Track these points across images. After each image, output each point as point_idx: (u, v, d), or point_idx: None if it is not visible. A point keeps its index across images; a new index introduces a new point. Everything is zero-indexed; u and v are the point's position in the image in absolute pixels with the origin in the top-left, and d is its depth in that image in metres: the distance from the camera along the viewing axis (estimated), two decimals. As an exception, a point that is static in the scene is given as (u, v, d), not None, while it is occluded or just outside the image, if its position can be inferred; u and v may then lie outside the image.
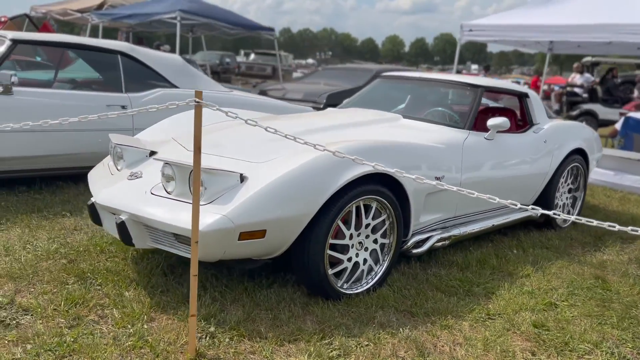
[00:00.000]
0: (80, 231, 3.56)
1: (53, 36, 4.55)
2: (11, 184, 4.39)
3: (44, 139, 4.14)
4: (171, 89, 4.93)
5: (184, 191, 2.49)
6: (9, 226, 3.53)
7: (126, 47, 4.78)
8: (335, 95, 7.55)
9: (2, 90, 3.92)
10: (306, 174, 2.48)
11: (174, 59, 5.16)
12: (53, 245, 3.25)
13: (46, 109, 4.14)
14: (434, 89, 4.25)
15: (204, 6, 9.80)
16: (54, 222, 3.66)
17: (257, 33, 10.79)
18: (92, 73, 5.06)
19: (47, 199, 4.18)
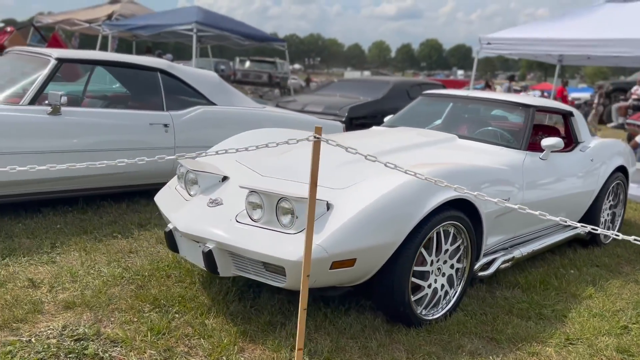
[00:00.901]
0: (137, 254, 3.53)
1: (96, 54, 4.51)
2: (54, 204, 4.34)
3: (90, 159, 4.10)
4: (210, 106, 4.92)
5: (271, 219, 2.48)
6: (64, 249, 3.49)
7: (165, 64, 4.76)
8: (356, 108, 7.58)
9: (51, 111, 3.88)
10: (396, 200, 2.48)
11: (211, 76, 5.15)
12: (116, 269, 3.21)
13: (92, 128, 4.11)
14: (479, 108, 4.28)
15: (218, 18, 9.79)
16: (108, 245, 3.63)
17: (268, 44, 10.81)
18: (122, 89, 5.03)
19: (93, 219, 4.13)
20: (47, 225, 3.92)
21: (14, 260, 3.26)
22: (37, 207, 4.25)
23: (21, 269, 3.14)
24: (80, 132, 4.04)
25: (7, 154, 3.68)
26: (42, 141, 3.85)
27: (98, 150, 4.13)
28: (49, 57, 4.11)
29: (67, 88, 5.19)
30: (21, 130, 3.75)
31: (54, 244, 3.56)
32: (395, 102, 8.27)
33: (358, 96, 8.12)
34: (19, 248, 3.44)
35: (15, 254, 3.34)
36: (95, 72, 5.04)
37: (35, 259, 3.31)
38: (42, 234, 3.72)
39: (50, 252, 3.44)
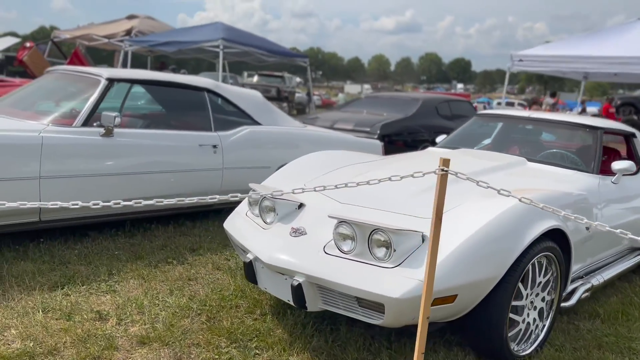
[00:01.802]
0: (196, 281, 3.40)
1: (145, 73, 4.42)
2: (101, 227, 4.22)
3: (140, 182, 3.99)
4: (255, 126, 4.82)
5: (364, 251, 2.36)
6: (122, 277, 3.36)
7: (212, 84, 4.67)
8: (388, 125, 7.48)
9: (104, 132, 3.78)
10: (498, 231, 2.36)
11: (255, 95, 5.05)
12: (181, 299, 3.08)
13: (143, 150, 4.00)
14: (540, 129, 4.17)
15: (242, 34, 9.75)
16: (164, 271, 3.50)
17: (290, 59, 10.76)
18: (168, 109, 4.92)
19: (143, 243, 4.01)
20: (98, 250, 3.80)
21: (73, 289, 3.14)
22: (85, 230, 4.14)
23: (83, 299, 3.02)
24: (132, 153, 3.93)
25: (61, 177, 3.56)
26: (95, 163, 3.74)
27: (148, 172, 4.02)
28: (99, 77, 4.01)
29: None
30: (75, 152, 3.65)
31: (111, 271, 3.44)
32: (426, 119, 8.20)
33: (388, 113, 8.02)
34: (75, 275, 3.32)
35: (74, 282, 3.21)
36: (131, 91, 4.94)
37: (95, 288, 3.18)
38: (96, 260, 3.60)
39: (108, 280, 3.31)
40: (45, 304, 2.90)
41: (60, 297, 3.01)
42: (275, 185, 3.15)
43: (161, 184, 4.11)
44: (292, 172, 3.37)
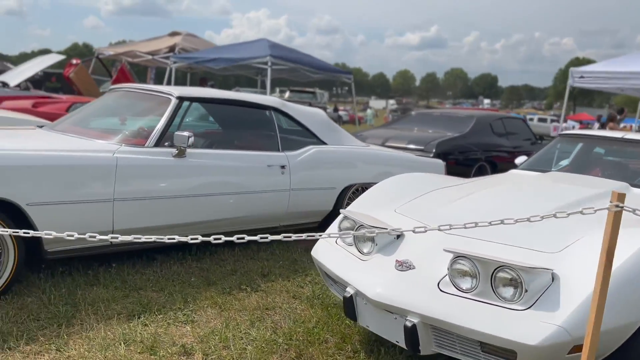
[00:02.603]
0: (274, 311, 3.21)
1: (213, 92, 4.31)
2: (168, 250, 4.09)
3: (211, 203, 3.84)
4: (321, 145, 4.65)
5: (486, 290, 2.13)
6: (198, 305, 3.19)
7: (278, 102, 4.54)
8: (444, 143, 7.24)
9: (177, 153, 3.66)
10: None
11: (320, 114, 4.90)
12: (265, 332, 2.89)
13: (214, 170, 3.87)
14: (629, 150, 3.89)
15: (288, 50, 9.68)
16: (239, 299, 3.33)
17: (335, 75, 10.64)
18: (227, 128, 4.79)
19: (213, 268, 3.85)
20: (168, 275, 3.65)
21: (150, 318, 2.98)
22: (151, 253, 4.01)
23: (162, 330, 2.85)
24: (203, 175, 3.80)
25: (133, 199, 3.44)
26: (167, 185, 3.61)
27: (218, 194, 3.87)
28: (169, 96, 3.90)
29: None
30: (148, 173, 3.53)
31: (186, 298, 3.28)
32: (480, 136, 7.93)
33: (441, 130, 7.78)
34: (150, 303, 3.17)
35: (150, 311, 3.06)
36: (199, 110, 4.84)
37: (172, 317, 3.02)
38: (169, 286, 3.45)
39: (184, 308, 3.15)
40: (126, 336, 2.75)
41: (139, 327, 2.86)
42: (363, 211, 2.95)
43: (230, 205, 3.96)
44: (378, 196, 3.17)
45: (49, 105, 9.99)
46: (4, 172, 2.94)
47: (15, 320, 2.82)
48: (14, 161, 3.00)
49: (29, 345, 2.60)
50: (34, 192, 3.04)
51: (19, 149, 3.10)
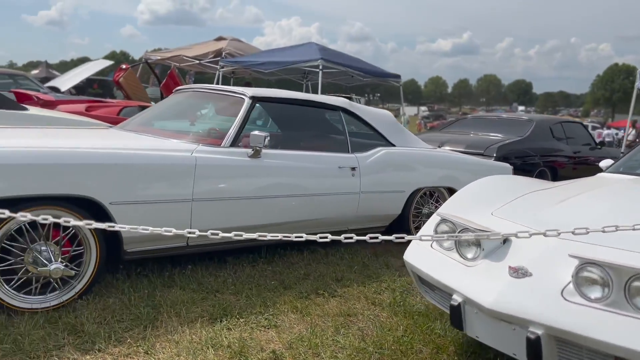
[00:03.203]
0: (357, 318, 3.08)
1: (283, 92, 4.23)
2: (238, 253, 4.01)
3: (283, 205, 3.75)
4: (390, 147, 4.51)
5: (619, 301, 1.95)
6: (278, 309, 3.09)
7: (346, 103, 4.43)
8: (505, 147, 7.00)
9: (252, 153, 3.58)
10: None
11: (387, 115, 4.77)
12: (352, 340, 2.77)
13: (287, 172, 3.78)
14: None
15: (338, 54, 9.60)
16: (319, 305, 3.21)
17: (384, 80, 10.50)
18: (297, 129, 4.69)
19: (286, 272, 3.75)
20: (242, 277, 3.57)
21: (233, 322, 2.89)
22: (222, 256, 3.94)
23: (247, 335, 2.76)
24: (277, 176, 3.71)
25: (210, 200, 3.37)
26: (242, 186, 3.53)
27: (291, 195, 3.78)
28: (242, 96, 3.84)
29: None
30: (224, 174, 3.46)
31: (264, 302, 3.19)
32: (540, 141, 7.65)
33: (500, 134, 7.54)
34: (229, 307, 3.08)
35: (231, 315, 2.97)
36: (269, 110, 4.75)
37: (254, 321, 2.92)
38: (245, 289, 3.36)
39: (264, 312, 3.05)
40: (212, 340, 2.66)
41: (224, 331, 2.77)
42: (457, 214, 2.79)
43: (303, 208, 3.86)
44: (468, 200, 3.01)
45: (101, 109, 10.15)
46: (88, 171, 2.90)
47: (99, 321, 2.77)
48: (96, 159, 2.96)
49: (116, 347, 2.54)
50: (116, 191, 2.99)
51: (101, 147, 3.07)
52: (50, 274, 2.72)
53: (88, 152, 2.97)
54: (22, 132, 3.45)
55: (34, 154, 2.78)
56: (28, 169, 2.71)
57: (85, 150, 2.97)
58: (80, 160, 2.89)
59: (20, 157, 2.72)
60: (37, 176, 2.73)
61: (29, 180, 2.70)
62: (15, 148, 2.78)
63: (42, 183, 2.74)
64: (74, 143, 3.07)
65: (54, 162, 2.80)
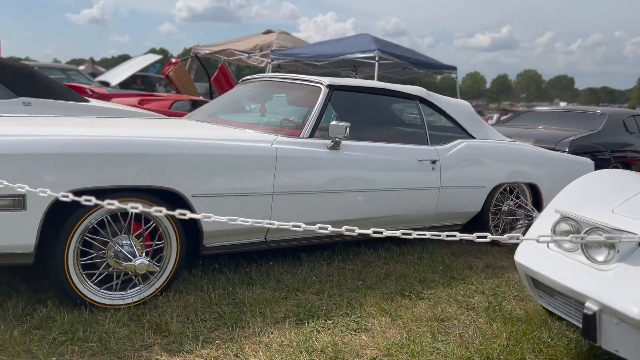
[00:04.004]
0: (451, 322, 2.85)
1: (361, 81, 4.01)
2: (310, 250, 3.83)
3: (363, 200, 3.53)
4: (470, 139, 4.23)
5: None
6: (365, 311, 2.88)
7: (423, 92, 4.17)
8: (578, 141, 6.59)
9: (332, 145, 3.37)
10: None
11: (466, 105, 4.49)
12: (454, 347, 2.53)
13: (368, 164, 3.56)
14: None
15: (395, 46, 9.32)
16: (408, 308, 2.99)
17: (438, 71, 10.16)
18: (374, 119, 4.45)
19: (364, 271, 3.54)
20: (320, 276, 3.38)
21: (319, 324, 2.70)
22: (296, 252, 3.76)
23: (338, 339, 2.56)
24: (357, 168, 3.50)
25: (290, 193, 3.19)
26: (320, 179, 3.34)
27: (370, 190, 3.56)
28: (319, 85, 3.63)
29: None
30: (303, 166, 3.26)
31: (349, 303, 2.98)
32: (613, 135, 7.19)
33: (570, 128, 7.12)
34: (313, 307, 2.89)
35: (316, 316, 2.78)
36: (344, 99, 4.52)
37: (343, 324, 2.72)
38: (326, 288, 3.16)
39: (351, 314, 2.85)
40: (304, 344, 2.47)
41: (313, 333, 2.58)
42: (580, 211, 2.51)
43: (382, 203, 3.64)
44: (579, 196, 2.72)
45: (154, 102, 10.18)
46: (171, 161, 2.76)
47: (182, 320, 2.63)
48: (179, 150, 2.81)
49: (205, 349, 2.38)
50: (199, 183, 2.84)
51: (181, 137, 2.92)
52: (135, 270, 2.59)
53: (170, 142, 2.82)
54: (95, 122, 3.34)
55: (115, 142, 2.65)
56: (109, 158, 2.58)
57: (167, 140, 2.82)
58: (163, 150, 2.75)
59: (100, 147, 2.59)
60: (118, 167, 2.60)
61: (109, 172, 2.57)
62: (94, 137, 2.64)
63: (124, 174, 2.61)
64: (152, 132, 2.94)
65: (136, 151, 2.66)
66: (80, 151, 2.51)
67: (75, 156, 2.49)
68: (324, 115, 3.51)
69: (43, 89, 5.39)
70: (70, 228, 2.52)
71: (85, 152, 2.52)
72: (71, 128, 2.87)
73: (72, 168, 2.47)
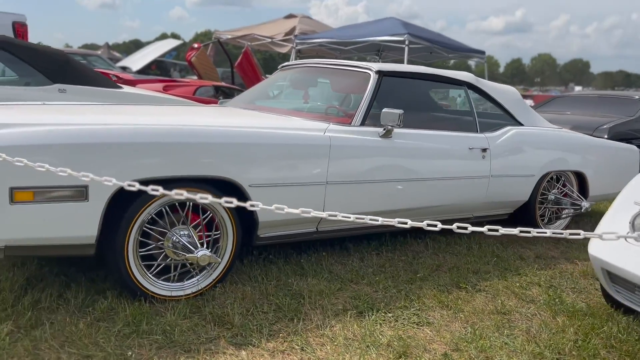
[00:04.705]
0: (513, 316, 2.77)
1: (410, 67, 3.90)
2: (358, 240, 3.77)
3: (412, 190, 3.45)
4: (519, 127, 4.12)
5: None
6: (424, 304, 2.82)
7: (472, 78, 4.05)
8: (617, 128, 6.44)
9: (384, 133, 3.29)
10: None
11: (513, 91, 4.36)
12: (525, 343, 2.46)
13: (420, 153, 3.47)
14: None
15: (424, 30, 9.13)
16: (467, 301, 2.92)
17: (467, 55, 9.97)
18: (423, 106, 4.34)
19: (415, 262, 3.48)
20: (371, 266, 3.33)
21: (380, 317, 2.65)
22: (344, 243, 3.70)
23: (402, 333, 2.50)
24: (408, 157, 3.42)
25: (342, 183, 3.11)
26: (372, 168, 3.25)
27: (421, 179, 3.48)
28: (368, 71, 3.54)
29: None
30: (356, 155, 3.18)
31: (407, 295, 2.92)
32: (652, 120, 7.01)
33: (605, 114, 6.96)
34: (370, 299, 2.84)
35: (376, 309, 2.72)
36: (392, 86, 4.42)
37: (403, 317, 2.67)
38: (381, 280, 3.10)
39: (409, 307, 2.79)
40: (369, 337, 2.42)
41: (376, 327, 2.53)
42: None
43: (432, 192, 3.55)
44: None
45: (178, 88, 10.14)
46: (229, 151, 2.70)
47: (242, 312, 2.58)
48: (237, 139, 2.75)
49: (270, 342, 2.34)
50: (255, 172, 2.78)
51: (237, 126, 2.85)
52: (197, 261, 2.54)
53: (228, 131, 2.76)
54: (141, 110, 3.29)
55: (176, 132, 2.59)
56: (169, 148, 2.52)
57: (225, 129, 2.76)
58: (222, 140, 2.69)
59: (162, 136, 2.53)
60: (176, 157, 2.53)
61: (166, 162, 2.51)
62: (149, 126, 2.59)
63: (182, 164, 2.55)
64: (209, 121, 2.88)
65: (196, 141, 2.60)
66: (141, 141, 2.46)
67: (134, 146, 2.43)
68: (374, 102, 3.41)
69: (78, 75, 5.35)
70: (130, 219, 2.48)
71: (145, 141, 2.47)
72: (125, 117, 2.82)
73: (128, 159, 2.42)
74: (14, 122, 2.35)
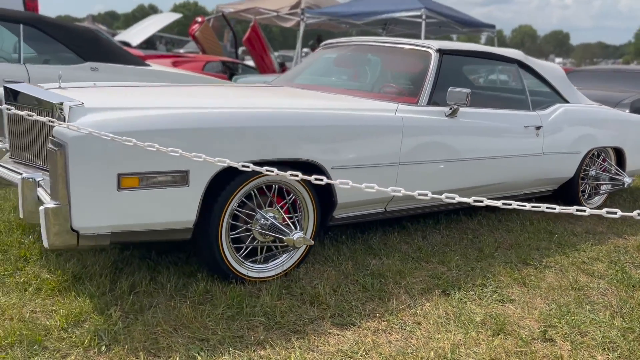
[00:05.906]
0: (588, 292, 2.85)
1: (468, 45, 3.88)
2: (412, 219, 3.82)
3: (474, 169, 3.48)
4: (566, 104, 4.16)
5: None
6: (500, 282, 2.88)
7: (521, 55, 4.06)
8: (638, 102, 6.51)
9: (450, 112, 3.30)
10: None
11: (558, 69, 4.39)
12: (616, 321, 2.54)
13: (483, 132, 3.49)
14: None
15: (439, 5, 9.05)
16: (540, 279, 2.99)
17: (478, 29, 9.93)
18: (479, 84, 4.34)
19: (477, 240, 3.54)
20: (438, 245, 3.38)
21: (462, 294, 2.70)
22: (399, 222, 3.75)
23: (490, 310, 2.56)
24: (472, 136, 3.44)
25: (413, 163, 3.13)
26: (440, 148, 3.27)
27: (483, 158, 3.51)
28: (428, 50, 3.53)
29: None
30: (424, 134, 3.20)
31: (483, 273, 2.99)
32: (670, 95, 7.10)
33: (626, 89, 7.02)
34: (446, 277, 2.89)
35: (459, 287, 2.78)
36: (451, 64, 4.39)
37: (485, 295, 2.72)
38: (453, 259, 3.16)
39: (487, 284, 2.86)
40: (461, 316, 2.48)
41: (462, 305, 2.59)
42: None
43: (491, 171, 3.60)
44: None
45: (187, 64, 10.01)
46: (312, 133, 2.70)
47: (330, 292, 2.62)
48: (319, 121, 2.75)
49: (369, 322, 2.39)
50: (336, 154, 2.79)
51: (316, 109, 2.84)
52: (294, 243, 2.56)
53: (307, 113, 2.75)
54: (213, 91, 3.25)
55: (264, 115, 2.58)
56: (263, 132, 2.51)
57: (304, 111, 2.75)
58: (304, 123, 2.68)
59: (255, 120, 2.52)
60: (264, 140, 2.53)
61: (253, 146, 2.50)
62: (245, 109, 2.57)
63: (268, 147, 2.54)
64: (288, 103, 2.86)
65: (285, 124, 2.60)
66: (238, 125, 2.45)
67: (228, 131, 2.42)
68: (438, 81, 3.42)
69: (108, 53, 5.27)
70: (224, 202, 2.48)
71: (241, 126, 2.46)
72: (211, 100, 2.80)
73: (222, 143, 2.41)
74: (114, 106, 2.32)
